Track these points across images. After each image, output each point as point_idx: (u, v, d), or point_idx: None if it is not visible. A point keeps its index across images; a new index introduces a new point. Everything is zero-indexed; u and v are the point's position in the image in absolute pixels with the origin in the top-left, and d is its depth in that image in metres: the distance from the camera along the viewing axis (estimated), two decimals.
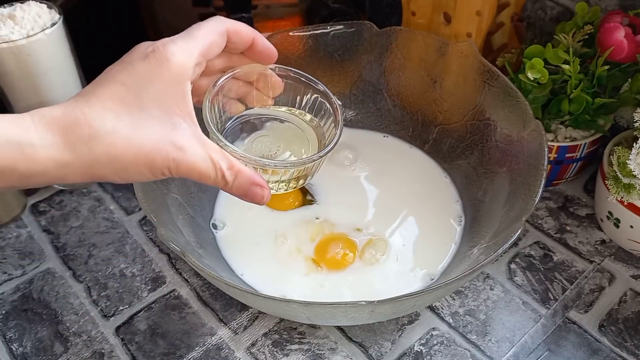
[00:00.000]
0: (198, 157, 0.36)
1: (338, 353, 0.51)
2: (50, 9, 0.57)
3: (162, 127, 0.35)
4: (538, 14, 0.68)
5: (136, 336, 0.53)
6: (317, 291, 0.53)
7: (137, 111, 0.35)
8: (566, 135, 0.60)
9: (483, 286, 0.56)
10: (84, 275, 0.58)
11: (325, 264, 0.54)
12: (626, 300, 0.54)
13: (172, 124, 0.36)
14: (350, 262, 0.54)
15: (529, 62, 0.56)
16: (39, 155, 0.33)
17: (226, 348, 0.52)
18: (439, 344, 0.52)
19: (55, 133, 0.34)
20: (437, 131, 0.64)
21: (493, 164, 0.57)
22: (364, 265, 0.54)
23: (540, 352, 0.51)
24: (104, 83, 0.35)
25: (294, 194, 0.60)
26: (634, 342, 0.51)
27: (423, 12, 0.65)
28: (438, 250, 0.55)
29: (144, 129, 0.35)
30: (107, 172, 0.35)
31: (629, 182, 0.52)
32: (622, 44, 0.55)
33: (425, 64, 0.62)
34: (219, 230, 0.58)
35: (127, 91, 0.35)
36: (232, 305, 0.55)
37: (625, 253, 0.58)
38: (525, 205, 0.47)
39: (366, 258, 0.54)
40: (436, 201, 0.60)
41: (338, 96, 0.67)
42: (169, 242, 0.44)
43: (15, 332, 0.54)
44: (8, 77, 0.56)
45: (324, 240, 0.56)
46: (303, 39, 0.64)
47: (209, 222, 0.58)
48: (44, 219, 0.63)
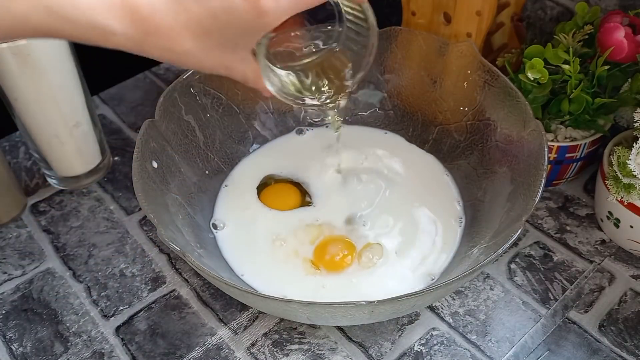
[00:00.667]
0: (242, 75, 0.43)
1: (338, 353, 0.51)
2: None
3: (223, 57, 0.40)
4: (538, 14, 0.68)
5: (136, 336, 0.53)
6: (318, 292, 0.53)
7: (213, 43, 0.39)
8: (566, 135, 0.60)
9: (483, 286, 0.56)
10: (84, 275, 0.58)
11: (324, 265, 0.54)
12: (626, 300, 0.54)
13: (235, 56, 0.41)
14: (349, 265, 0.54)
15: (529, 62, 0.56)
16: (116, 41, 0.36)
17: (226, 348, 0.52)
18: (439, 344, 0.52)
19: (137, 30, 0.36)
20: (437, 131, 0.64)
21: (493, 164, 0.57)
22: (361, 268, 0.54)
23: (540, 352, 0.51)
24: (202, 2, 0.38)
25: (293, 194, 0.60)
26: (634, 342, 0.51)
27: (423, 12, 0.65)
28: (438, 250, 0.55)
29: (210, 56, 0.39)
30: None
31: (629, 182, 0.52)
32: (622, 44, 0.55)
33: (425, 64, 0.62)
34: (219, 230, 0.58)
35: (214, 22, 0.37)
36: (232, 305, 0.55)
37: (625, 253, 0.58)
38: (525, 205, 0.47)
39: (363, 262, 0.54)
40: (436, 201, 0.60)
41: None
42: (169, 242, 0.44)
43: (15, 332, 0.54)
44: (8, 77, 0.56)
45: (323, 242, 0.56)
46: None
47: (209, 222, 0.58)
48: (44, 219, 0.63)
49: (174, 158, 0.56)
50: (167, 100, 0.56)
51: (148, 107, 0.77)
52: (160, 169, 0.53)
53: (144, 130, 0.52)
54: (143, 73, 0.82)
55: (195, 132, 0.60)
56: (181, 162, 0.57)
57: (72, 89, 0.60)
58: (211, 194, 0.61)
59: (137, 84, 0.81)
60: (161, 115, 0.55)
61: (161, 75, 0.82)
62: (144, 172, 0.51)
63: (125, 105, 0.77)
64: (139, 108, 0.77)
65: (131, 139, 0.72)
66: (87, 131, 0.63)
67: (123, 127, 0.74)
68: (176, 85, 0.58)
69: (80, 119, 0.62)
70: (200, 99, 0.60)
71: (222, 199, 0.61)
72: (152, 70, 0.83)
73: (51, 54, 0.56)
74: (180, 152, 0.58)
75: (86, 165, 0.65)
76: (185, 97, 0.58)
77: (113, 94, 0.79)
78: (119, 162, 0.69)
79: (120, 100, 0.78)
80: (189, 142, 0.59)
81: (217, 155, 0.62)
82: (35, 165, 0.69)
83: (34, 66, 0.55)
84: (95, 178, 0.67)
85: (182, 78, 0.58)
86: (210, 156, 0.61)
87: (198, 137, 0.60)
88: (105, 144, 0.67)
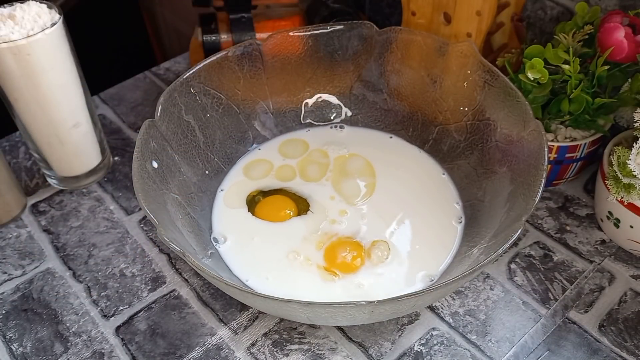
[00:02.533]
0: None
1: (338, 353, 0.51)
2: (50, 9, 0.58)
3: None
4: (538, 14, 0.68)
5: (136, 336, 0.53)
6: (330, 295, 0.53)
7: None
8: (566, 135, 0.60)
9: (483, 286, 0.56)
10: (84, 275, 0.58)
11: (338, 268, 0.54)
12: (626, 300, 0.54)
13: None
14: (362, 264, 0.54)
15: (529, 62, 0.56)
16: None
17: (226, 348, 0.52)
18: (439, 344, 0.52)
19: None
20: (437, 131, 0.64)
21: (493, 164, 0.57)
22: (372, 265, 0.54)
23: (540, 352, 0.51)
24: None
25: (289, 204, 0.60)
26: (634, 342, 0.51)
27: (423, 12, 0.65)
28: (438, 251, 0.55)
29: None
30: None
31: (629, 182, 0.52)
32: (622, 44, 0.55)
33: (425, 64, 0.62)
34: (221, 245, 0.57)
35: None
36: (232, 305, 0.55)
37: (625, 253, 0.58)
38: (525, 205, 0.47)
39: (373, 260, 0.54)
40: (436, 201, 0.60)
41: (338, 96, 0.68)
42: (169, 242, 0.44)
43: (15, 332, 0.54)
44: (8, 77, 0.56)
45: (331, 246, 0.56)
46: (303, 39, 0.64)
47: (209, 222, 0.58)
48: (44, 219, 0.63)
49: (174, 158, 0.56)
50: (167, 100, 0.56)
51: (148, 107, 0.77)
52: (160, 169, 0.53)
53: (144, 130, 0.52)
54: (143, 73, 0.82)
55: (195, 132, 0.60)
56: (181, 162, 0.57)
57: (72, 89, 0.60)
58: (211, 194, 0.61)
59: (137, 84, 0.81)
60: (161, 115, 0.55)
61: (161, 75, 0.82)
62: (144, 172, 0.51)
63: (125, 105, 0.78)
64: (139, 108, 0.77)
65: (131, 139, 0.72)
66: (87, 131, 0.63)
67: (123, 127, 0.74)
68: (176, 85, 0.58)
69: (80, 119, 0.62)
70: (200, 99, 0.60)
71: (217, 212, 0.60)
72: (152, 70, 0.83)
73: (51, 54, 0.56)
74: (180, 152, 0.58)
75: (86, 165, 0.65)
76: (185, 97, 0.59)
77: (113, 93, 0.79)
78: (119, 162, 0.69)
79: (120, 100, 0.78)
80: (189, 142, 0.59)
81: (217, 155, 0.62)
82: (35, 165, 0.69)
83: (34, 66, 0.55)
84: (95, 178, 0.67)
85: (182, 78, 0.58)
86: (210, 156, 0.61)
87: (198, 137, 0.60)
88: (105, 144, 0.67)
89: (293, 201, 0.60)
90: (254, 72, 0.64)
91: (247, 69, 0.63)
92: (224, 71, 0.61)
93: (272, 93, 0.66)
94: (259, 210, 0.60)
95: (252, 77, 0.64)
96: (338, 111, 0.69)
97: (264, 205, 0.60)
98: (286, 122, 0.68)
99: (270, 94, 0.66)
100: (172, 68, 0.83)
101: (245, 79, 0.63)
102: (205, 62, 0.60)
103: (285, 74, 0.65)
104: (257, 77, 0.64)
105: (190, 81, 0.59)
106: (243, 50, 0.62)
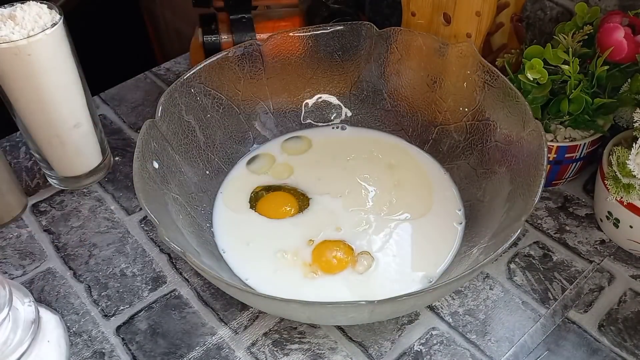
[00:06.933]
0: None
1: (338, 353, 0.51)
2: (51, 9, 0.58)
3: None
4: (538, 14, 0.68)
5: (137, 336, 0.53)
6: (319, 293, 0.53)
7: None
8: (566, 135, 0.61)
9: (483, 286, 0.56)
10: (85, 275, 0.58)
11: (320, 267, 0.54)
12: (626, 300, 0.54)
13: None
14: (344, 268, 0.54)
15: (529, 63, 0.56)
16: None
17: (226, 348, 0.52)
18: (438, 343, 0.52)
19: None
20: (436, 131, 0.64)
21: (493, 164, 0.57)
22: (355, 272, 0.54)
23: (539, 352, 0.51)
24: None
25: (290, 201, 0.60)
26: (633, 342, 0.51)
27: (423, 13, 0.65)
28: (438, 251, 0.55)
29: None
30: None
31: (628, 182, 0.52)
32: (622, 44, 0.55)
33: (425, 64, 0.62)
34: (223, 254, 0.57)
35: None
36: (232, 305, 0.55)
37: (624, 253, 0.58)
38: (525, 205, 0.47)
39: (357, 268, 0.54)
40: (436, 201, 0.60)
41: (338, 96, 0.68)
42: (169, 242, 0.44)
43: None
44: (8, 77, 0.56)
45: (321, 245, 0.56)
46: (303, 40, 0.64)
47: (210, 222, 0.59)
48: (45, 219, 0.63)
49: (175, 158, 0.57)
50: (168, 101, 0.56)
51: (148, 107, 0.77)
52: (160, 169, 0.53)
53: (144, 131, 0.52)
54: (143, 73, 0.82)
55: (195, 132, 0.60)
56: (182, 162, 0.57)
57: (72, 89, 0.60)
58: (211, 194, 0.61)
59: (137, 84, 0.81)
60: (162, 115, 0.55)
61: (161, 75, 0.82)
62: (145, 172, 0.51)
63: (125, 105, 0.78)
64: (140, 108, 0.77)
65: (132, 139, 0.73)
66: (88, 131, 0.63)
67: (124, 127, 0.74)
68: (177, 85, 0.58)
69: (80, 119, 0.62)
70: (200, 99, 0.60)
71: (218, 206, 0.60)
72: (152, 71, 0.83)
73: (51, 54, 0.56)
74: (181, 152, 0.58)
75: (87, 166, 0.65)
76: (185, 97, 0.59)
77: (114, 94, 0.79)
78: (120, 162, 0.70)
79: (120, 101, 0.78)
80: (190, 142, 0.59)
81: (217, 156, 0.62)
82: (36, 165, 0.69)
83: (35, 66, 0.55)
84: (96, 178, 0.67)
85: (183, 78, 0.58)
86: (210, 156, 0.62)
87: (198, 138, 0.60)
88: (105, 144, 0.67)
89: (294, 198, 0.61)
90: (254, 72, 0.64)
91: (247, 69, 0.63)
92: (224, 71, 0.62)
93: (273, 93, 0.66)
94: (261, 206, 0.60)
95: (253, 78, 0.64)
96: (338, 111, 0.69)
97: (265, 202, 0.61)
98: (286, 123, 0.68)
99: (270, 95, 0.66)
100: (173, 68, 0.83)
101: (246, 79, 0.63)
102: (205, 63, 0.60)
103: (286, 75, 0.66)
104: (257, 77, 0.64)
105: (191, 81, 0.59)
106: (243, 50, 0.62)
